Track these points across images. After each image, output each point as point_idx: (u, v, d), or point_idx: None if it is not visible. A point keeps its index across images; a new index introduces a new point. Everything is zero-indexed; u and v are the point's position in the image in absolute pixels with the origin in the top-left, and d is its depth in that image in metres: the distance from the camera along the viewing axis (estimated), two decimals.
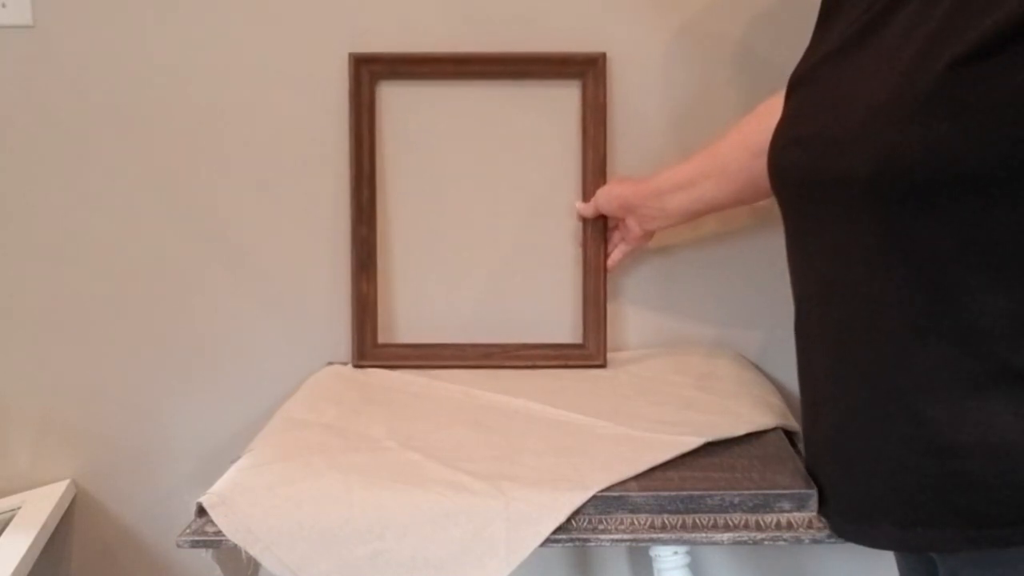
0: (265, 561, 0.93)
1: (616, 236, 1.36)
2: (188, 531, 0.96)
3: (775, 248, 1.37)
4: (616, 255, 1.36)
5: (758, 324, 1.40)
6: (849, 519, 0.92)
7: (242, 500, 0.96)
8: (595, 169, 1.34)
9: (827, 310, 0.92)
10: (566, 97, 1.36)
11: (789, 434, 1.12)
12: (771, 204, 1.34)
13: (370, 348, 1.38)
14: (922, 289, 0.82)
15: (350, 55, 1.34)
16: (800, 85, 0.98)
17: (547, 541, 0.93)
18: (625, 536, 0.94)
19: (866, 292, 0.87)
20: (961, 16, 0.78)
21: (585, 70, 1.34)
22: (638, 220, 1.29)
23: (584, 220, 1.36)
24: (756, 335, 1.40)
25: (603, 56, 1.34)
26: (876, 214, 0.84)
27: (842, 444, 0.91)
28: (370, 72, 1.35)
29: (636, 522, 0.95)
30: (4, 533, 1.29)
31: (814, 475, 0.97)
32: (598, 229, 1.35)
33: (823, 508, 0.95)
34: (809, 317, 0.96)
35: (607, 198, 1.30)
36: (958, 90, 0.76)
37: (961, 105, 0.76)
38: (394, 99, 1.37)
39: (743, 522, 0.95)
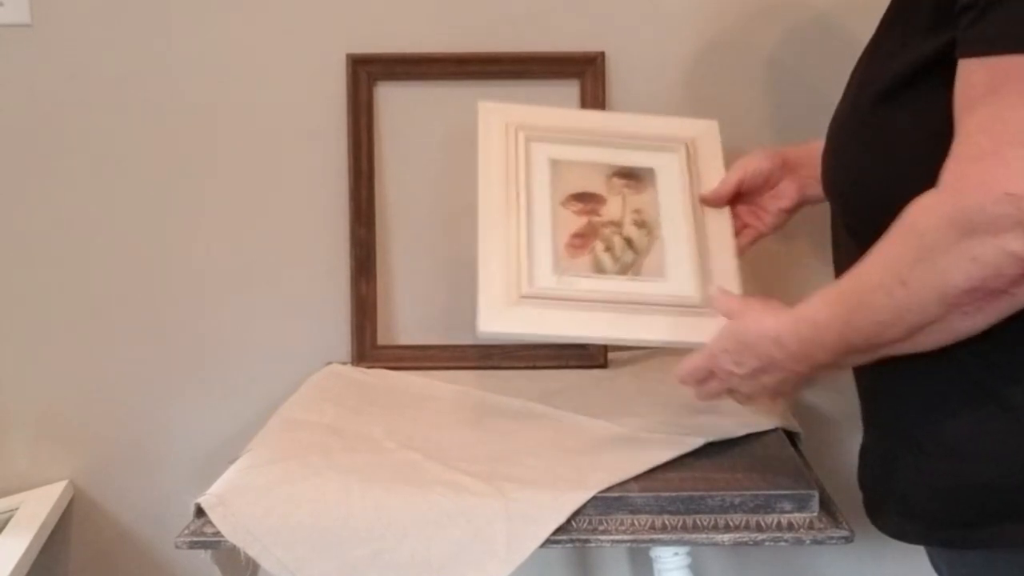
0: (264, 562, 0.93)
1: (745, 216, 1.15)
2: (187, 532, 0.95)
3: (775, 249, 1.37)
4: (744, 240, 1.15)
5: None
6: (870, 506, 0.93)
7: (241, 501, 0.95)
8: None
9: None
10: (565, 96, 1.36)
11: (790, 434, 1.12)
12: None
13: (370, 350, 1.37)
14: None
15: (347, 56, 1.34)
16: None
17: (547, 542, 0.93)
18: (625, 537, 0.94)
19: None
20: (877, 59, 0.85)
21: (584, 69, 1.34)
22: (800, 184, 1.12)
23: None
24: None
25: (602, 55, 1.33)
26: (840, 223, 0.89)
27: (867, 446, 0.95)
28: (368, 73, 1.35)
29: (636, 523, 0.95)
30: (2, 533, 1.28)
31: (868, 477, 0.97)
32: None
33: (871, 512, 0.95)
34: None
35: (765, 154, 1.12)
36: (877, 124, 0.82)
37: (879, 138, 0.82)
38: (392, 99, 1.37)
39: (744, 523, 0.95)
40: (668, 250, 1.06)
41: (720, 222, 1.10)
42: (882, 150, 0.83)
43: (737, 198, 1.13)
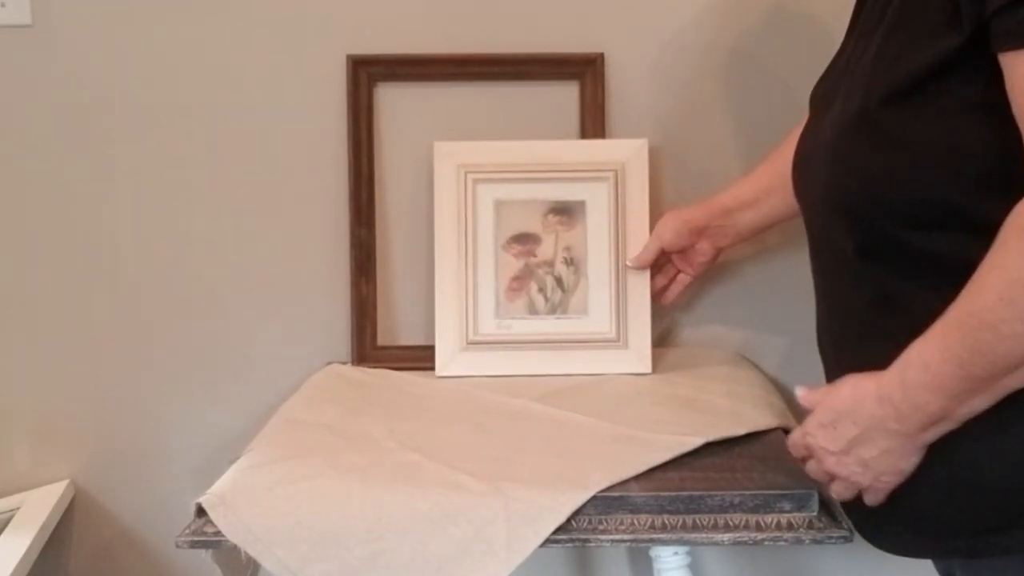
0: (265, 561, 0.93)
1: (671, 269, 1.31)
2: (187, 531, 0.95)
3: (774, 251, 1.38)
4: (676, 288, 1.31)
5: (758, 325, 1.40)
6: (868, 528, 0.92)
7: (241, 500, 0.96)
8: None
9: (823, 320, 0.98)
10: (564, 97, 1.36)
11: (789, 434, 1.12)
12: None
13: (370, 350, 1.38)
14: (879, 304, 0.85)
15: (348, 57, 1.34)
16: (811, 102, 1.01)
17: (547, 541, 0.93)
18: (625, 536, 0.94)
19: (843, 305, 0.91)
20: (883, 61, 0.83)
21: (583, 70, 1.34)
22: (711, 241, 1.25)
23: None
24: (756, 335, 1.40)
25: (601, 56, 1.34)
26: (838, 232, 0.88)
27: None
28: (368, 74, 1.35)
29: (636, 522, 0.95)
30: (4, 533, 1.28)
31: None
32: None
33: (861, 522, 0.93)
34: (819, 324, 0.99)
35: (673, 228, 1.25)
36: (888, 127, 0.81)
37: (892, 141, 0.81)
38: (392, 100, 1.37)
39: (743, 522, 0.95)
40: (592, 288, 1.29)
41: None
42: (898, 153, 0.81)
43: (664, 255, 1.28)
